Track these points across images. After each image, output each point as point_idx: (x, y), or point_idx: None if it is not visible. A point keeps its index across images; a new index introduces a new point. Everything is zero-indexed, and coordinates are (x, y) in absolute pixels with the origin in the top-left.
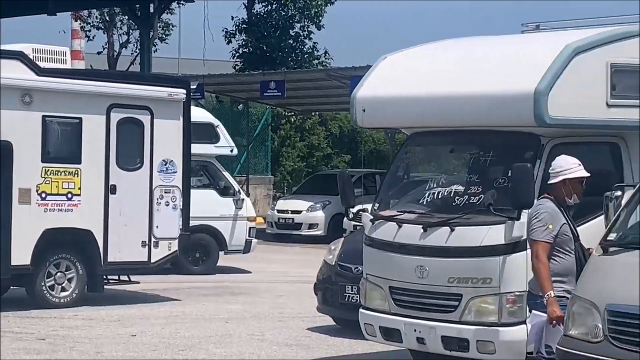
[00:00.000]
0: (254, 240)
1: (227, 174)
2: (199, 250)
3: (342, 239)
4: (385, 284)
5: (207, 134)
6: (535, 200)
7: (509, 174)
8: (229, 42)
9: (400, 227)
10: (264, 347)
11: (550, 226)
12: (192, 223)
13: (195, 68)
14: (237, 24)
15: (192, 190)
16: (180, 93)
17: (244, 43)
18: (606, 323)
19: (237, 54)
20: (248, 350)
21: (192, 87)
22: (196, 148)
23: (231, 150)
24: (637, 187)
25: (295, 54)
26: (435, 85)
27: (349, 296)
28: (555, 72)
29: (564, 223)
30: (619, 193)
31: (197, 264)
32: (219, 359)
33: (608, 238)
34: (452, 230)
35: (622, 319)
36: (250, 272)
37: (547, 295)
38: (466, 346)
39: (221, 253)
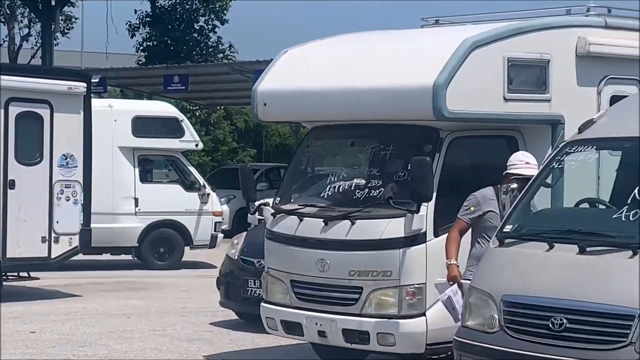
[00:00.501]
0: (220, 235)
1: (192, 169)
2: (164, 245)
3: (245, 233)
4: (286, 278)
5: (172, 128)
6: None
7: (409, 168)
8: (133, 35)
9: (301, 220)
10: (166, 342)
11: (472, 208)
12: (157, 218)
13: (99, 61)
14: (141, 17)
15: (158, 185)
16: (81, 87)
17: (147, 36)
18: (502, 314)
19: (141, 48)
20: (150, 346)
21: (94, 80)
22: (161, 143)
23: (196, 145)
24: (531, 179)
25: (199, 47)
26: (336, 79)
27: (252, 290)
28: (453, 66)
29: (491, 211)
30: (514, 185)
31: (162, 259)
32: (119, 355)
33: (504, 230)
34: (353, 223)
35: (516, 309)
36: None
37: (448, 261)
38: (367, 339)
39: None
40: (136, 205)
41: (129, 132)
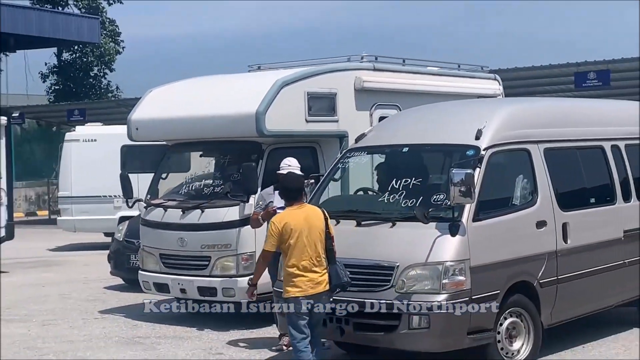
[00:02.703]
0: None
1: None
2: None
3: (128, 221)
4: (156, 252)
5: None
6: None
7: (240, 171)
8: (44, 81)
9: (166, 210)
10: (71, 303)
11: (260, 202)
12: None
13: (21, 100)
14: (50, 67)
15: None
16: (3, 120)
17: (55, 82)
18: None
19: (51, 90)
20: (58, 307)
21: (14, 115)
22: None
23: None
24: (325, 175)
25: (94, 89)
26: (187, 109)
27: (133, 262)
28: (270, 99)
29: (272, 202)
30: (312, 181)
31: None
32: (35, 314)
33: None
34: (203, 211)
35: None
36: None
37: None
38: (215, 292)
39: None
40: None
41: None
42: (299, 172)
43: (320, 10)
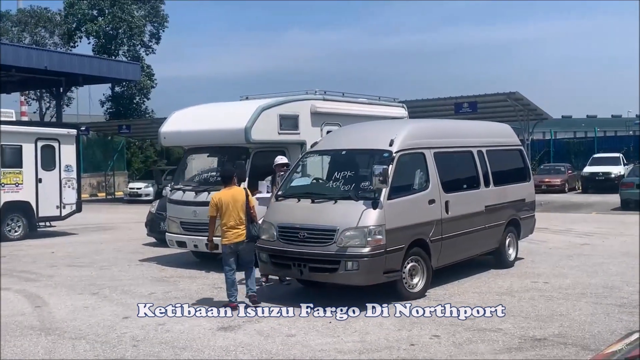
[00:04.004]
0: None
1: None
2: None
3: (158, 200)
4: (178, 220)
5: None
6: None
7: (235, 166)
8: (102, 106)
9: (184, 192)
10: (120, 254)
11: (267, 183)
12: None
13: (86, 118)
14: (106, 97)
15: None
16: (74, 131)
17: (110, 106)
18: (277, 232)
19: (107, 112)
20: (112, 256)
21: (82, 128)
22: None
23: None
24: (291, 169)
25: (136, 111)
26: (199, 125)
27: (162, 227)
28: (254, 118)
29: (268, 186)
30: (282, 173)
31: None
32: (98, 263)
33: (278, 193)
34: (209, 193)
35: (284, 229)
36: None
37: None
38: (217, 247)
39: None
40: None
41: None
42: (285, 161)
43: (288, 61)
